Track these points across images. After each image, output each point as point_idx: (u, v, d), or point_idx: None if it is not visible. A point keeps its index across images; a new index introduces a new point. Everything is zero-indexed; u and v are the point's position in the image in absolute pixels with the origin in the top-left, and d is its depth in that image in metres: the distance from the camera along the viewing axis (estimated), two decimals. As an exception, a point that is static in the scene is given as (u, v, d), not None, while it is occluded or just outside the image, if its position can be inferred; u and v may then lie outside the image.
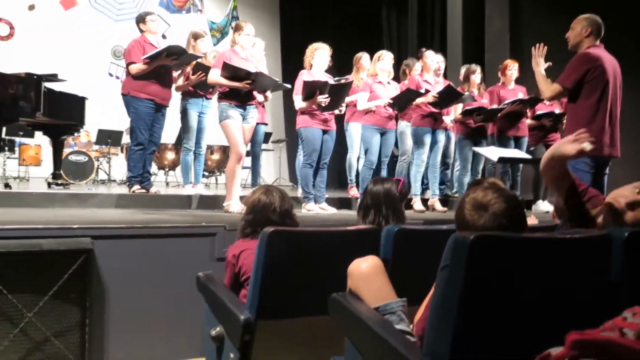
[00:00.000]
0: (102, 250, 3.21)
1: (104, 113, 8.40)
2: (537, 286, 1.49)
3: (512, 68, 6.23)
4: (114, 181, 8.67)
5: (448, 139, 6.41)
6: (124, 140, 8.59)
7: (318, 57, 5.23)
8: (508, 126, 6.07)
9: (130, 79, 5.28)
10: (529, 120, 6.33)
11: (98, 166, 8.42)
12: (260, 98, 5.38)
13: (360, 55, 6.53)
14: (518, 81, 6.33)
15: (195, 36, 5.80)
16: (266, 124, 6.62)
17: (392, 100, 5.60)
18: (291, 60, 10.27)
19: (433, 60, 5.98)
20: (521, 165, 6.21)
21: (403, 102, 5.71)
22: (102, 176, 8.70)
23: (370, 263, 1.96)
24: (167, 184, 8.78)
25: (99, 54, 10.45)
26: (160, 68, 5.25)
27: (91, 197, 4.86)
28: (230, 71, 4.67)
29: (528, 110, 6.20)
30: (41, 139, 7.30)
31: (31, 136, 7.89)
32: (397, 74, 6.72)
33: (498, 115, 5.98)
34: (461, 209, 1.74)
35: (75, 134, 6.94)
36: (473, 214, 1.69)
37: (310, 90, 5.03)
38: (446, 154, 6.55)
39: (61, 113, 5.61)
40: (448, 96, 5.70)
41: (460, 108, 6.13)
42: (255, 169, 6.68)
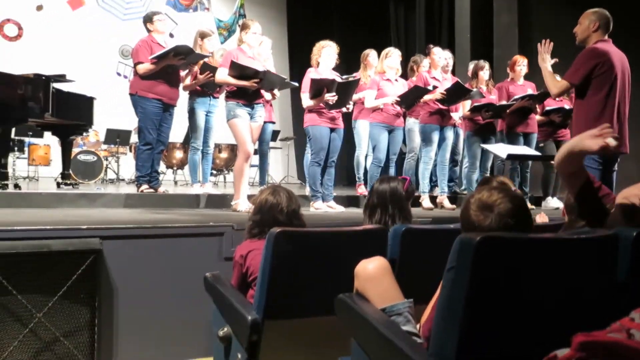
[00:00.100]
0: (111, 250, 3.23)
1: (113, 112, 8.43)
2: (544, 287, 1.48)
3: (521, 64, 6.19)
4: (123, 180, 8.72)
5: (457, 136, 6.38)
6: (133, 139, 8.62)
7: (325, 55, 5.22)
8: (517, 122, 6.03)
9: (137, 79, 5.29)
10: (538, 116, 6.29)
11: (107, 165, 8.46)
12: (267, 96, 5.38)
13: (367, 52, 6.51)
14: (527, 77, 6.28)
15: (202, 35, 5.81)
16: (274, 123, 6.63)
17: (400, 98, 5.58)
18: (298, 57, 10.29)
19: (441, 56, 5.96)
20: (530, 161, 6.17)
21: (411, 100, 5.69)
22: (111, 175, 8.75)
23: (377, 264, 1.96)
24: (176, 183, 8.82)
25: (107, 54, 10.49)
26: (167, 68, 5.25)
27: (100, 197, 4.88)
28: (238, 70, 4.67)
29: (537, 106, 6.16)
30: (50, 139, 7.35)
31: (40, 136, 7.94)
32: (405, 71, 6.70)
33: (507, 111, 5.95)
34: (467, 210, 1.73)
35: (84, 134, 6.98)
36: (479, 215, 1.68)
37: (317, 88, 5.02)
38: (455, 151, 6.53)
39: (69, 113, 5.63)
40: (456, 93, 5.68)
41: (468, 105, 6.10)
42: (263, 168, 6.70)
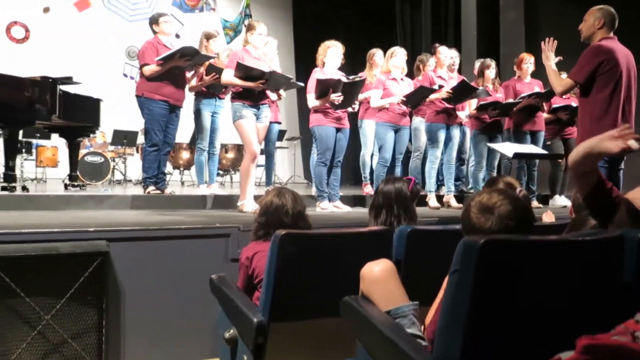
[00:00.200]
0: (118, 252, 3.24)
1: (119, 113, 8.46)
2: (548, 289, 1.47)
3: (528, 62, 6.17)
4: (130, 181, 8.76)
5: (463, 135, 6.35)
6: (139, 140, 8.66)
7: (330, 55, 5.22)
8: (524, 121, 6.01)
9: (144, 81, 5.30)
10: (546, 114, 6.26)
11: (114, 166, 8.50)
12: (273, 97, 5.39)
13: (373, 51, 6.51)
14: (534, 75, 6.25)
15: (207, 36, 5.82)
16: (280, 123, 6.63)
17: (406, 97, 5.57)
18: (304, 56, 10.28)
19: (447, 55, 5.94)
20: (537, 160, 6.15)
21: (416, 99, 5.68)
22: (118, 176, 8.80)
23: (382, 267, 1.96)
24: (183, 184, 8.85)
25: (114, 55, 10.54)
26: (173, 69, 5.26)
27: (107, 199, 4.90)
28: (243, 71, 4.68)
29: (544, 104, 6.13)
30: (58, 141, 7.38)
31: (48, 138, 7.98)
32: (411, 70, 6.68)
33: (514, 109, 5.93)
34: (467, 212, 1.73)
35: (91, 135, 7.01)
36: (479, 217, 1.68)
37: (323, 88, 5.02)
38: (462, 150, 6.50)
39: (76, 115, 5.66)
40: (462, 91, 5.66)
41: (475, 103, 6.08)
42: (269, 168, 6.70)
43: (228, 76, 4.76)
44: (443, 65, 5.94)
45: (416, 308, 1.85)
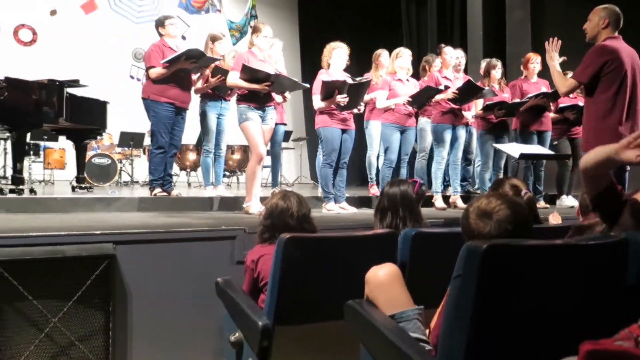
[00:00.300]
0: (124, 255, 3.25)
1: (126, 115, 8.49)
2: (551, 294, 1.47)
3: (535, 61, 6.15)
4: (137, 183, 8.79)
5: (470, 135, 6.35)
6: (146, 142, 8.68)
7: (336, 57, 5.22)
8: (531, 121, 6.00)
9: (150, 83, 5.32)
10: (552, 113, 6.24)
11: (121, 168, 8.54)
12: (278, 99, 5.40)
13: (379, 52, 6.51)
14: (541, 74, 6.23)
15: (212, 39, 5.83)
16: (285, 124, 6.63)
17: (411, 98, 5.56)
18: (310, 57, 10.31)
19: (452, 56, 5.93)
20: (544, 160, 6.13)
21: (422, 100, 5.68)
22: (125, 178, 8.83)
23: (387, 271, 1.96)
24: (189, 185, 8.87)
25: (120, 57, 10.58)
26: (179, 71, 5.28)
27: (114, 201, 4.92)
28: (249, 73, 4.68)
29: (551, 103, 6.11)
30: (65, 143, 7.42)
31: (55, 140, 8.02)
32: (417, 70, 6.68)
33: (520, 109, 5.91)
34: (466, 218, 1.74)
35: (98, 138, 7.04)
36: (478, 223, 1.69)
37: (328, 90, 5.03)
38: (468, 150, 6.50)
39: (83, 118, 5.69)
40: (468, 91, 5.65)
41: (481, 103, 6.07)
42: (275, 169, 6.71)
43: (233, 78, 4.77)
44: (449, 65, 5.93)
45: (421, 312, 1.85)
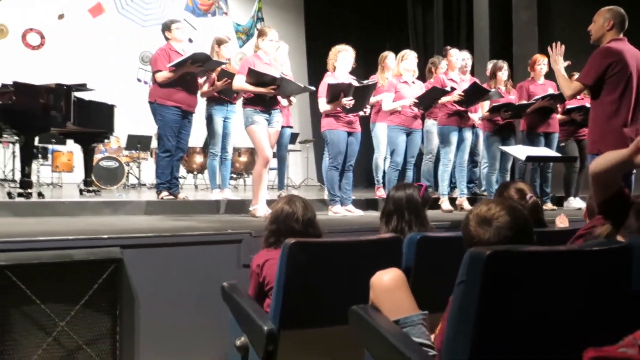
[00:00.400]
0: (131, 259, 3.27)
1: (133, 118, 8.53)
2: (554, 300, 1.47)
3: (542, 63, 6.12)
4: (144, 185, 8.82)
5: (476, 137, 6.34)
6: (153, 144, 8.71)
7: (341, 59, 5.22)
8: (538, 122, 5.97)
9: (156, 87, 5.35)
10: (560, 115, 6.21)
11: (128, 171, 8.58)
12: (284, 102, 5.41)
13: (385, 54, 6.50)
14: (548, 76, 6.20)
15: (218, 42, 5.85)
16: (291, 127, 6.65)
17: (417, 99, 5.56)
18: (316, 59, 10.30)
19: (458, 58, 5.92)
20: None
21: (428, 102, 5.67)
22: (133, 181, 8.87)
23: (392, 276, 1.96)
24: (196, 187, 8.90)
25: (127, 60, 10.64)
26: (186, 75, 5.30)
27: (121, 205, 4.94)
28: (255, 77, 4.70)
29: (558, 105, 6.08)
30: (73, 146, 7.46)
31: (63, 143, 8.06)
32: (423, 72, 6.67)
33: (527, 111, 5.90)
34: (466, 225, 1.73)
35: (105, 141, 7.08)
36: (478, 229, 1.68)
37: (334, 92, 5.03)
38: (475, 152, 6.48)
39: (91, 121, 5.72)
40: (474, 93, 5.65)
41: (487, 105, 6.06)
42: (281, 171, 6.72)
43: (239, 82, 4.79)
44: (455, 67, 5.92)
45: (425, 317, 1.85)
